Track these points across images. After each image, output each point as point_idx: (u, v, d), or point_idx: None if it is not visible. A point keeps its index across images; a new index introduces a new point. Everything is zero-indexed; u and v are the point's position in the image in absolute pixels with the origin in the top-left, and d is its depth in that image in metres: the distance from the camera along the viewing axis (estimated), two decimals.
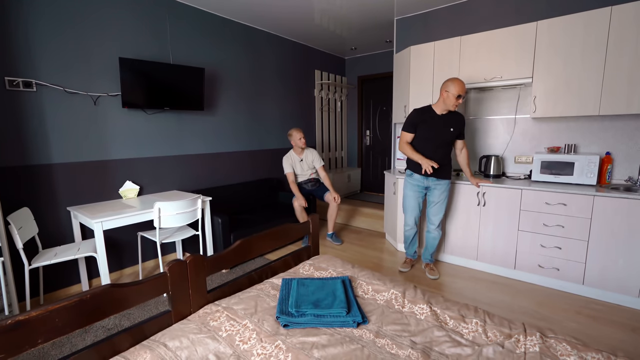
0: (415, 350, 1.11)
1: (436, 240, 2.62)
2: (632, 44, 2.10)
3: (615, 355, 1.03)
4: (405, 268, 2.75)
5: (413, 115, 2.44)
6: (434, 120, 2.38)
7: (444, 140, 2.39)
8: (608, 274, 2.17)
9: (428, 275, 2.61)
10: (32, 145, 2.23)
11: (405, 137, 2.44)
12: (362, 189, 5.39)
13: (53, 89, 2.28)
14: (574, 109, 2.34)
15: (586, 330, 1.91)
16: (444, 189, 2.46)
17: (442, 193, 2.46)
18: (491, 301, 2.24)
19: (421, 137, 2.41)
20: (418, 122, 2.40)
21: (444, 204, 2.49)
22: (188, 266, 1.33)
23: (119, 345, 1.15)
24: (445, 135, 2.38)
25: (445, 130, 2.37)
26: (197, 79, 2.94)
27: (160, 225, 2.28)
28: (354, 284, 1.57)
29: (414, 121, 2.41)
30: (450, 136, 2.39)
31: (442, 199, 2.48)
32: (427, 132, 2.38)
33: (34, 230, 2.16)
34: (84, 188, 2.49)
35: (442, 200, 2.48)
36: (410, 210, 2.58)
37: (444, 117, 2.38)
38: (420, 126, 2.40)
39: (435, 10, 3.20)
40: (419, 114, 2.42)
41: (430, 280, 2.58)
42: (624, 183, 2.38)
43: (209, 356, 1.08)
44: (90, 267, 2.52)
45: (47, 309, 0.96)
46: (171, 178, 3.02)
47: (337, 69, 5.08)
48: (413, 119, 2.42)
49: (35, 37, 2.18)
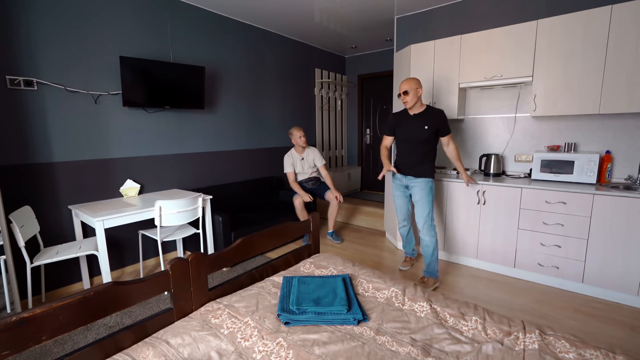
0: (415, 347, 1.12)
1: (429, 248, 2.41)
2: (633, 42, 2.10)
3: (613, 352, 1.04)
4: (405, 267, 2.75)
5: (390, 119, 2.57)
6: (407, 121, 2.43)
7: (419, 139, 2.39)
8: (607, 272, 2.18)
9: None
10: (34, 143, 2.23)
11: (384, 141, 2.60)
12: (362, 188, 5.39)
13: (54, 88, 2.28)
14: (574, 108, 2.35)
15: (585, 328, 1.92)
16: (422, 187, 2.40)
17: (421, 191, 2.40)
18: (491, 299, 2.25)
19: (398, 138, 2.52)
20: (394, 125, 2.52)
21: (426, 202, 2.39)
22: (190, 264, 1.34)
23: (121, 342, 1.16)
24: (419, 134, 2.37)
25: (419, 130, 2.37)
26: (197, 77, 2.94)
27: (161, 224, 2.29)
28: (355, 282, 1.58)
29: (391, 124, 2.55)
30: (425, 134, 2.36)
31: (422, 197, 2.40)
32: (402, 133, 2.47)
33: (36, 228, 2.17)
34: (85, 186, 2.49)
35: (422, 198, 2.40)
36: (399, 208, 2.63)
37: (418, 117, 2.39)
38: (397, 128, 2.50)
39: (435, 9, 3.20)
40: (395, 117, 2.53)
41: None
42: (623, 182, 2.38)
43: (210, 353, 1.09)
44: (92, 265, 2.53)
45: (51, 307, 0.97)
46: (172, 177, 3.03)
47: (338, 67, 5.08)
48: (390, 122, 2.56)
49: (36, 36, 2.19)
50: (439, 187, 2.83)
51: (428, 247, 2.42)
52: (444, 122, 2.39)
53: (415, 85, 2.31)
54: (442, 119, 2.39)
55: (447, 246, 2.88)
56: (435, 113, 2.39)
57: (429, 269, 2.45)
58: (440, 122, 2.38)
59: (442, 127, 2.40)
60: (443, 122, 2.39)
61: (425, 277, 2.46)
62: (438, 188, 2.83)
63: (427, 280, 2.44)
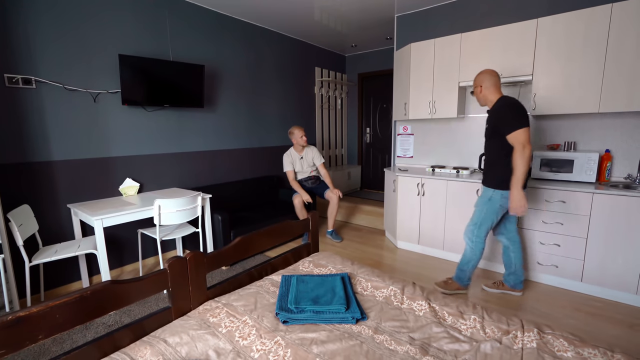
0: (414, 346, 1.12)
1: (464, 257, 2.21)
2: (633, 41, 2.10)
3: (612, 351, 1.04)
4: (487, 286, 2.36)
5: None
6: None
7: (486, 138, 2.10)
8: (606, 271, 2.18)
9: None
10: (32, 142, 2.23)
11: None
12: (362, 187, 5.39)
13: (53, 86, 2.27)
14: (573, 107, 2.34)
15: (584, 326, 1.92)
16: (482, 194, 2.13)
17: (480, 198, 2.15)
18: (489, 298, 2.25)
19: None
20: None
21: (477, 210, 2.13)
22: (188, 263, 1.34)
23: (119, 341, 1.16)
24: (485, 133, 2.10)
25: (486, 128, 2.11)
26: (197, 76, 2.93)
27: (160, 223, 2.29)
28: (353, 281, 1.58)
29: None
30: (487, 133, 2.07)
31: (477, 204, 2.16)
32: None
33: (34, 227, 2.16)
34: (84, 185, 2.49)
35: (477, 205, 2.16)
36: None
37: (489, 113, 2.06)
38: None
39: (436, 7, 3.19)
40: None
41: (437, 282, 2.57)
42: (623, 180, 2.38)
43: (208, 352, 1.09)
44: (91, 264, 2.53)
45: (48, 305, 0.97)
46: (171, 175, 3.03)
47: (337, 66, 5.06)
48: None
49: (35, 34, 2.18)
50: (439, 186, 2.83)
51: (464, 254, 2.21)
52: (499, 120, 1.95)
53: (476, 82, 2.05)
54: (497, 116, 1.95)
55: (445, 244, 2.88)
56: (495, 107, 1.98)
57: (457, 274, 2.26)
58: (496, 119, 1.96)
59: (499, 125, 1.93)
60: (498, 120, 1.95)
61: (450, 279, 2.30)
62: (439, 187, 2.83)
63: (450, 282, 2.27)
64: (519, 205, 1.89)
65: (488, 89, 2.02)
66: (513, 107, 1.91)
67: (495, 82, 2.01)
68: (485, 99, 2.05)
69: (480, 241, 2.15)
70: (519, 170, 1.86)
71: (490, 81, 2.01)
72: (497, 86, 2.02)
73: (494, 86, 2.01)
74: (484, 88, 2.03)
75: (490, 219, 2.09)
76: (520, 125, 1.85)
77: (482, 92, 2.04)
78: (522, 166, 1.85)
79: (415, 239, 3.07)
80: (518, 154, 1.85)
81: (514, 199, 1.90)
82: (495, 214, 2.07)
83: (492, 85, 2.01)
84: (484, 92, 2.04)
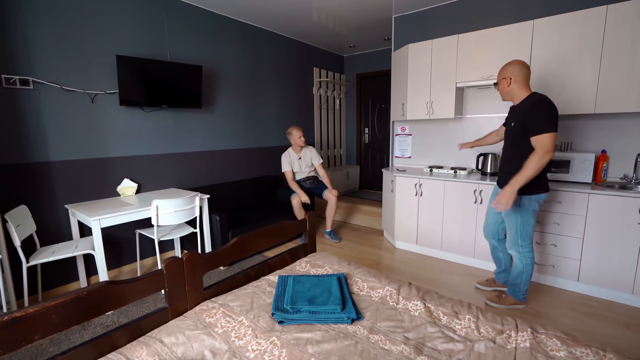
0: (408, 346, 1.12)
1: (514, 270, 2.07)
2: (628, 42, 2.11)
3: (604, 350, 1.05)
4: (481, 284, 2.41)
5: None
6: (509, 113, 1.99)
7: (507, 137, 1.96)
8: (603, 270, 2.19)
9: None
10: (30, 142, 2.23)
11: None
12: (361, 187, 5.40)
13: (50, 87, 2.28)
14: (570, 107, 2.35)
15: (580, 326, 1.93)
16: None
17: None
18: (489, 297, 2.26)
19: None
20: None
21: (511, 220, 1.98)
22: (184, 263, 1.34)
23: (116, 341, 1.16)
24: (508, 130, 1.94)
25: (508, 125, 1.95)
26: (195, 76, 2.94)
27: (158, 223, 2.29)
28: (350, 281, 1.59)
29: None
30: (512, 132, 1.90)
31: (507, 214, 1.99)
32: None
33: (32, 228, 2.17)
34: (82, 186, 2.49)
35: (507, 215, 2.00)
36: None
37: (514, 109, 1.92)
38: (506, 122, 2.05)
39: (434, 8, 3.20)
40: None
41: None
42: (619, 181, 2.39)
43: (204, 352, 1.09)
44: (89, 264, 2.53)
45: (44, 306, 0.97)
46: (169, 176, 3.03)
47: (336, 66, 5.07)
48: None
49: (33, 35, 2.18)
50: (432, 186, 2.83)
51: (514, 268, 2.06)
52: (532, 116, 1.75)
53: (502, 74, 1.89)
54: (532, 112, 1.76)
55: (443, 245, 2.89)
56: (528, 103, 1.81)
57: (510, 288, 2.11)
58: (529, 115, 1.77)
59: (530, 124, 1.76)
60: (532, 116, 1.76)
61: (505, 294, 2.15)
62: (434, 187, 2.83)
63: (505, 297, 2.13)
64: (505, 203, 1.80)
65: (518, 82, 1.83)
66: (551, 108, 1.74)
67: (526, 76, 1.83)
68: (513, 93, 1.87)
69: (528, 250, 1.98)
70: (528, 174, 1.73)
71: (522, 74, 1.82)
72: (527, 80, 1.84)
73: (525, 80, 1.83)
74: (514, 81, 1.84)
75: (529, 224, 1.93)
76: (552, 129, 1.70)
77: (510, 86, 1.86)
78: (533, 170, 1.72)
79: (413, 239, 3.08)
80: (537, 157, 1.71)
81: (506, 195, 1.79)
82: (532, 218, 1.92)
83: (523, 79, 1.83)
84: (512, 86, 1.85)
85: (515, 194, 1.79)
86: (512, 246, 2.02)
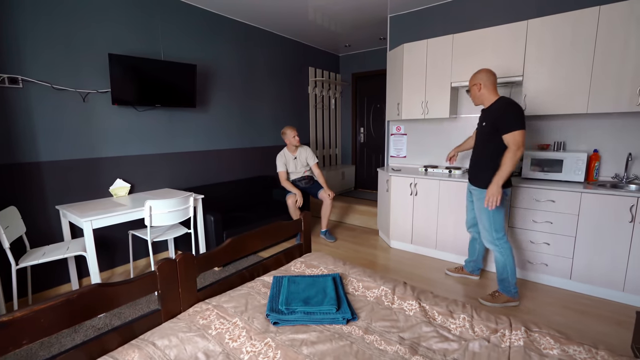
0: (403, 345, 1.12)
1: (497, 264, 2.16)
2: (620, 43, 2.13)
3: (596, 348, 1.05)
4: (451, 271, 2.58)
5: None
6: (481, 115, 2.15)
7: (478, 136, 2.12)
8: (594, 269, 2.22)
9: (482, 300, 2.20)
10: (19, 142, 2.19)
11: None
12: (356, 186, 5.40)
13: (40, 86, 2.24)
14: (563, 107, 2.37)
15: (573, 324, 1.95)
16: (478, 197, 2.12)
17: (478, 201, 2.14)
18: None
19: None
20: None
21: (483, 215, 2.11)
22: (178, 265, 1.33)
23: (107, 344, 1.14)
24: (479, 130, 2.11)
25: (479, 125, 2.11)
26: (189, 75, 2.91)
27: (151, 224, 2.27)
28: (345, 281, 1.58)
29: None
30: (483, 132, 2.07)
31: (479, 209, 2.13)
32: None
33: (22, 229, 2.13)
34: (74, 186, 2.45)
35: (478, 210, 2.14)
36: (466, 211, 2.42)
37: (485, 111, 2.08)
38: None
39: (429, 8, 3.21)
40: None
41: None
42: (610, 180, 2.42)
43: (198, 354, 1.08)
44: (81, 266, 2.49)
45: (32, 309, 0.95)
46: (163, 176, 3.00)
47: (331, 66, 5.07)
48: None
49: (22, 32, 2.14)
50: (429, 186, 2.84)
51: (496, 263, 2.16)
52: (501, 117, 1.94)
53: (473, 81, 2.08)
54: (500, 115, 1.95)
55: (437, 244, 2.90)
56: (496, 106, 2.00)
57: (500, 285, 2.17)
58: (497, 118, 1.96)
59: (499, 124, 1.94)
60: (501, 117, 1.94)
61: (498, 292, 2.19)
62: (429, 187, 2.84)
63: (498, 295, 2.17)
64: (493, 200, 1.95)
65: (487, 87, 2.04)
66: (516, 108, 1.93)
67: (493, 82, 2.03)
68: (483, 97, 2.07)
69: (505, 241, 2.10)
70: (506, 170, 1.91)
71: (490, 80, 2.03)
72: (495, 85, 2.04)
73: (493, 85, 2.03)
74: (483, 86, 2.04)
75: (500, 217, 2.07)
76: (520, 126, 1.88)
77: (480, 91, 2.05)
78: (510, 166, 1.90)
79: (408, 238, 3.08)
80: (511, 154, 1.89)
81: (493, 193, 1.95)
82: (501, 211, 2.07)
83: (491, 84, 2.03)
84: (482, 91, 2.05)
85: (500, 190, 1.95)
86: (489, 241, 2.15)
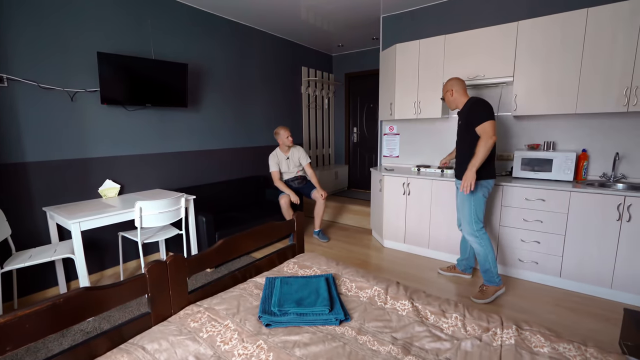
0: (396, 346, 1.12)
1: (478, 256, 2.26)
2: (607, 44, 2.17)
3: (585, 345, 1.07)
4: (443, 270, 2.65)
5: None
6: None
7: (458, 134, 2.34)
8: (583, 266, 2.25)
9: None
10: (5, 142, 2.13)
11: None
12: (350, 186, 5.41)
13: (26, 84, 2.18)
14: (552, 108, 2.41)
15: (563, 321, 1.98)
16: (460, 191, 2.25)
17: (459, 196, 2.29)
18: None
19: None
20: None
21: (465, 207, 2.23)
22: (168, 267, 1.31)
23: (96, 349, 1.12)
24: (458, 129, 2.33)
25: (458, 125, 2.33)
26: (180, 74, 2.87)
27: (141, 225, 2.23)
28: (338, 282, 1.58)
29: None
30: (460, 130, 2.28)
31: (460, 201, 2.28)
32: None
33: (7, 231, 2.07)
34: (61, 187, 2.40)
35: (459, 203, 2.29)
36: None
37: (460, 114, 2.29)
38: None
39: (422, 8, 3.22)
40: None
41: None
42: (598, 179, 2.47)
43: (188, 358, 1.06)
44: (69, 269, 2.44)
45: (16, 315, 0.92)
46: (153, 176, 2.95)
47: (324, 65, 5.06)
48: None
49: (7, 28, 2.08)
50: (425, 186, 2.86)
51: (478, 255, 2.25)
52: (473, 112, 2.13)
53: (448, 87, 2.28)
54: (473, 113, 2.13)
55: (430, 243, 2.92)
56: (467, 105, 2.20)
57: (485, 277, 2.25)
58: (471, 115, 2.14)
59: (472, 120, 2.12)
60: (472, 113, 2.14)
61: (485, 285, 2.25)
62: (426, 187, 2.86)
63: (486, 288, 2.23)
64: (467, 184, 2.10)
65: (458, 92, 2.26)
66: (483, 103, 2.14)
67: (463, 87, 2.28)
68: (456, 101, 2.28)
69: (483, 232, 2.23)
70: (480, 157, 2.06)
71: (460, 86, 2.26)
72: (465, 89, 2.28)
73: (463, 89, 2.27)
74: (455, 92, 2.26)
75: (480, 208, 2.21)
76: (489, 117, 2.07)
77: (453, 96, 2.27)
78: (483, 153, 2.06)
79: (401, 238, 3.10)
80: (483, 142, 2.06)
81: (467, 177, 2.10)
82: (482, 202, 2.21)
83: (461, 89, 2.26)
84: (455, 96, 2.27)
85: (474, 175, 2.08)
86: (469, 233, 2.25)
